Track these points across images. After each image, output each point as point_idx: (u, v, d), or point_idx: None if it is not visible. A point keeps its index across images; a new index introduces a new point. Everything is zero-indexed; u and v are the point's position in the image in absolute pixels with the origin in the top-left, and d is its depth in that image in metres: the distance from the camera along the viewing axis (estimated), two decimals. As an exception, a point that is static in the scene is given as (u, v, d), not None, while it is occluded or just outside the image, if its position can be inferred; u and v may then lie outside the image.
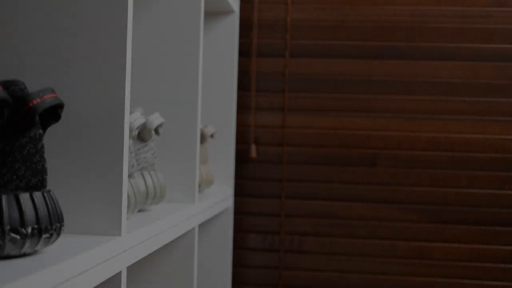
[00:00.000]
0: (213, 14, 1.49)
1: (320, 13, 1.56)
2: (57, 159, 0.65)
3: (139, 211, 0.91)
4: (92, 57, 0.65)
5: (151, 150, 0.90)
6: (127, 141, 0.66)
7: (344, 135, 1.55)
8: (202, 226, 1.47)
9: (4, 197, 0.49)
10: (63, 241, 0.61)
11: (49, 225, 0.52)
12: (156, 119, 0.91)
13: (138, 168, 0.88)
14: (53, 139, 0.65)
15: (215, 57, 1.48)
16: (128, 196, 0.76)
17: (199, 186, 1.20)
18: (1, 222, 0.49)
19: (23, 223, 0.50)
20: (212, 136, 1.29)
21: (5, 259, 0.51)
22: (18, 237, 0.50)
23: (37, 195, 0.52)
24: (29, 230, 0.50)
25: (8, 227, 0.49)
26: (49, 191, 0.54)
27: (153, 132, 0.90)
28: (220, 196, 1.32)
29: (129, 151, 0.79)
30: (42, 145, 0.54)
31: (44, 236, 0.52)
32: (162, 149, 1.05)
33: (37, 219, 0.51)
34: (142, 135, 0.90)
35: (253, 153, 1.56)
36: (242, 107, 1.58)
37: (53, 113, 0.56)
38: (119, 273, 0.66)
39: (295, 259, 1.57)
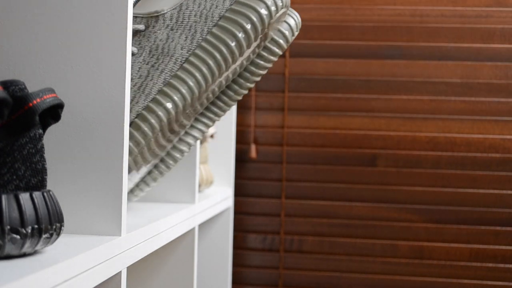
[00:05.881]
0: (213, 14, 1.49)
1: (320, 13, 1.56)
2: (57, 159, 0.65)
3: (139, 211, 0.91)
4: (92, 57, 0.65)
5: (151, 150, 0.90)
6: (127, 141, 0.66)
7: (344, 135, 1.55)
8: (202, 226, 1.47)
9: (4, 197, 0.49)
10: (63, 241, 0.61)
11: (49, 225, 0.52)
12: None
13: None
14: (53, 139, 0.65)
15: (215, 57, 1.48)
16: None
17: (199, 186, 1.20)
18: (1, 222, 0.49)
19: (23, 223, 0.50)
20: (212, 136, 1.29)
21: (5, 259, 0.51)
22: (18, 237, 0.50)
23: (37, 195, 0.52)
24: (29, 230, 0.50)
25: (8, 227, 0.49)
26: (49, 191, 0.54)
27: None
28: (220, 196, 1.31)
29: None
30: (42, 145, 0.54)
31: (44, 236, 0.52)
32: (162, 149, 1.05)
33: (37, 219, 0.51)
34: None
35: (253, 153, 1.56)
36: (242, 107, 1.58)
37: (53, 113, 0.56)
38: (119, 273, 0.66)
39: (295, 259, 1.56)
